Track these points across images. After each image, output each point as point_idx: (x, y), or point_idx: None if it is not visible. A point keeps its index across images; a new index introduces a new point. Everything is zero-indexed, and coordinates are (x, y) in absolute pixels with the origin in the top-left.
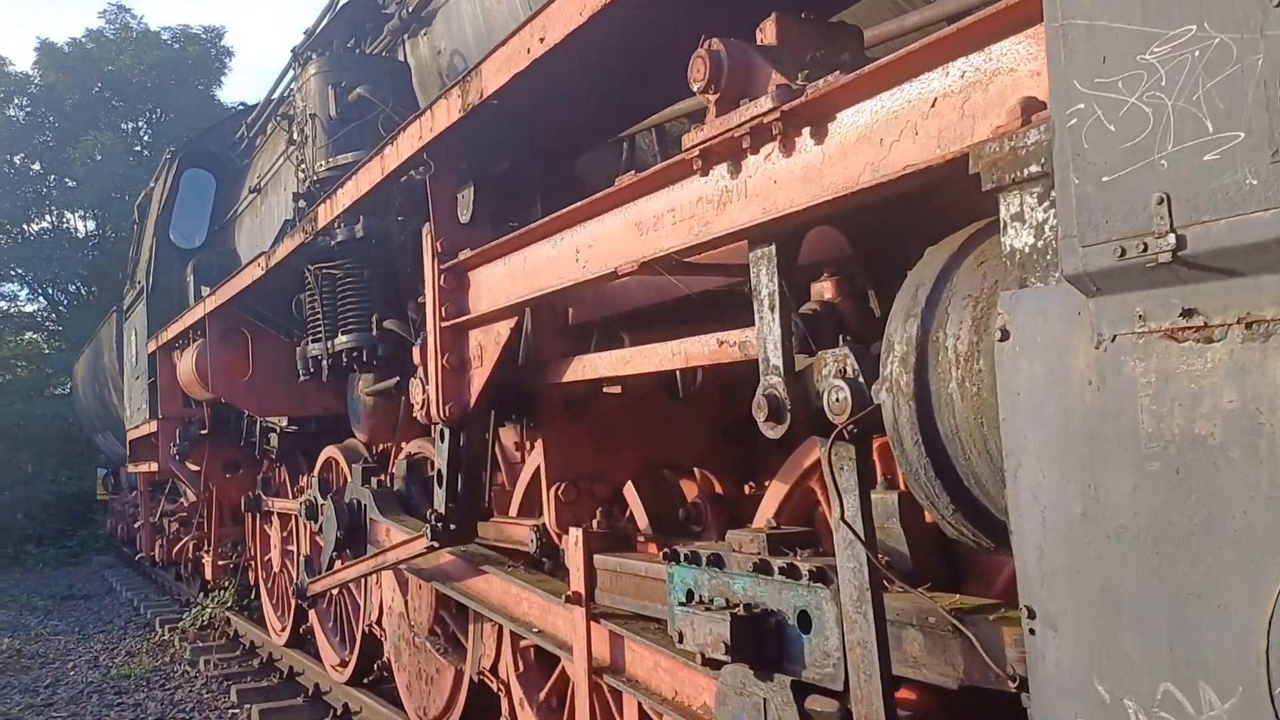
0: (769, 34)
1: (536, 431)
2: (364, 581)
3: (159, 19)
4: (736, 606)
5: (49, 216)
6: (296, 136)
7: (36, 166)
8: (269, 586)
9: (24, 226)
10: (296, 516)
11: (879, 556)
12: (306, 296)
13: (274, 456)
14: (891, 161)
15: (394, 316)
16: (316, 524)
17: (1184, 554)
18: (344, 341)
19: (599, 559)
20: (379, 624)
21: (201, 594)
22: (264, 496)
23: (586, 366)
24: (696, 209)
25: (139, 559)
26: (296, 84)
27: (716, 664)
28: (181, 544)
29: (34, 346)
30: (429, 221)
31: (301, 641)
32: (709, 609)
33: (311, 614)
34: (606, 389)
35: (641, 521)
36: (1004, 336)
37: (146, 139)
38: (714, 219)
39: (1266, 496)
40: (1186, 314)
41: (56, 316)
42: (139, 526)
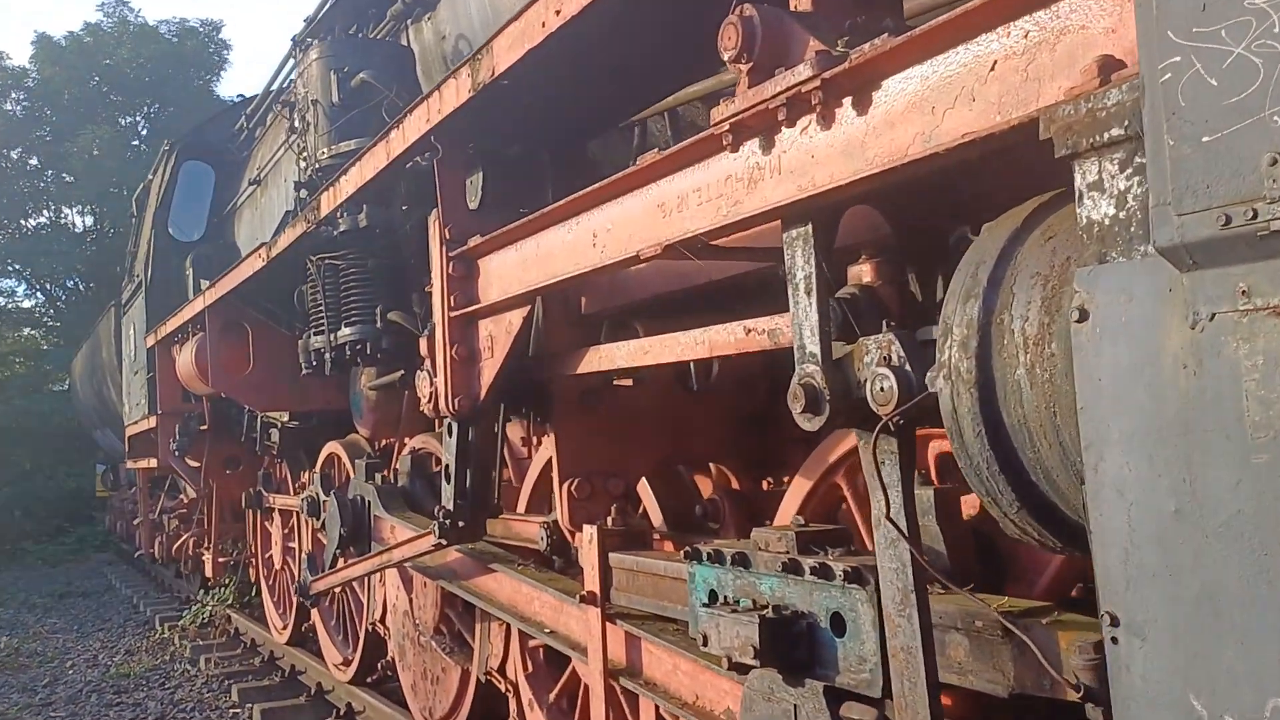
0: (804, 0)
1: (548, 426)
2: (367, 579)
3: (157, 13)
4: (765, 608)
5: (46, 212)
6: (298, 124)
7: (34, 161)
8: (270, 584)
9: (21, 222)
10: (298, 513)
11: (924, 556)
12: (308, 288)
13: (275, 452)
14: (946, 130)
15: (398, 308)
16: (319, 521)
17: None
18: (347, 334)
19: (614, 557)
20: (383, 622)
21: (201, 591)
22: (265, 493)
23: (603, 357)
24: (725, 188)
25: (138, 556)
26: (298, 70)
27: (743, 668)
28: (181, 541)
29: (32, 343)
30: (437, 207)
31: (303, 639)
32: (736, 611)
33: (313, 612)
34: (617, 381)
35: (656, 518)
36: (1082, 317)
37: (144, 133)
38: (744, 198)
39: None
40: None
41: (54, 312)
42: (138, 523)
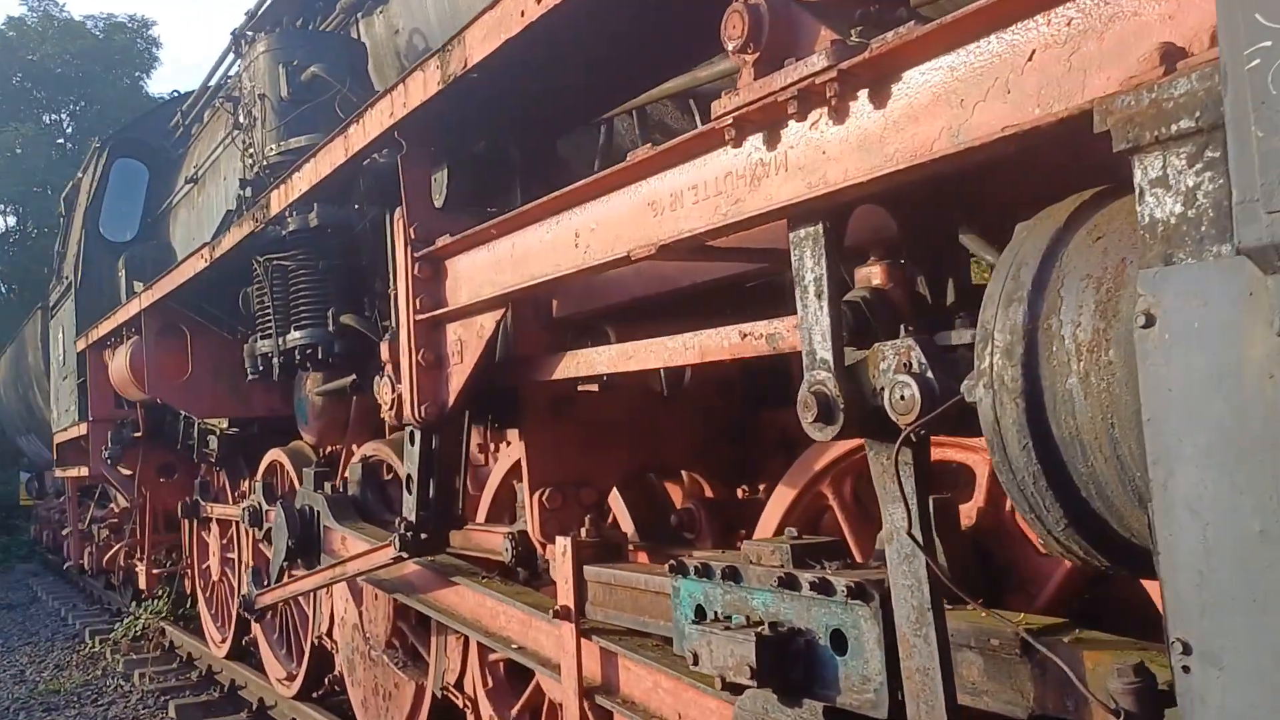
0: None
1: (512, 434)
2: (314, 592)
3: (84, 8)
4: (758, 625)
5: None
6: (243, 119)
7: None
8: (207, 596)
9: None
10: (238, 523)
11: (945, 572)
12: (255, 290)
13: (213, 460)
14: (977, 124)
15: (351, 311)
16: (261, 531)
17: None
18: (297, 338)
19: (590, 570)
20: (330, 636)
21: (134, 603)
22: (202, 502)
23: (581, 362)
24: (724, 185)
25: (67, 567)
26: (243, 64)
27: (738, 688)
28: (113, 552)
29: None
30: (401, 206)
31: (243, 653)
32: (730, 628)
33: (255, 625)
34: (582, 388)
35: (626, 528)
36: (1148, 322)
37: (70, 131)
38: (746, 196)
39: None
40: None
41: None
42: (67, 533)
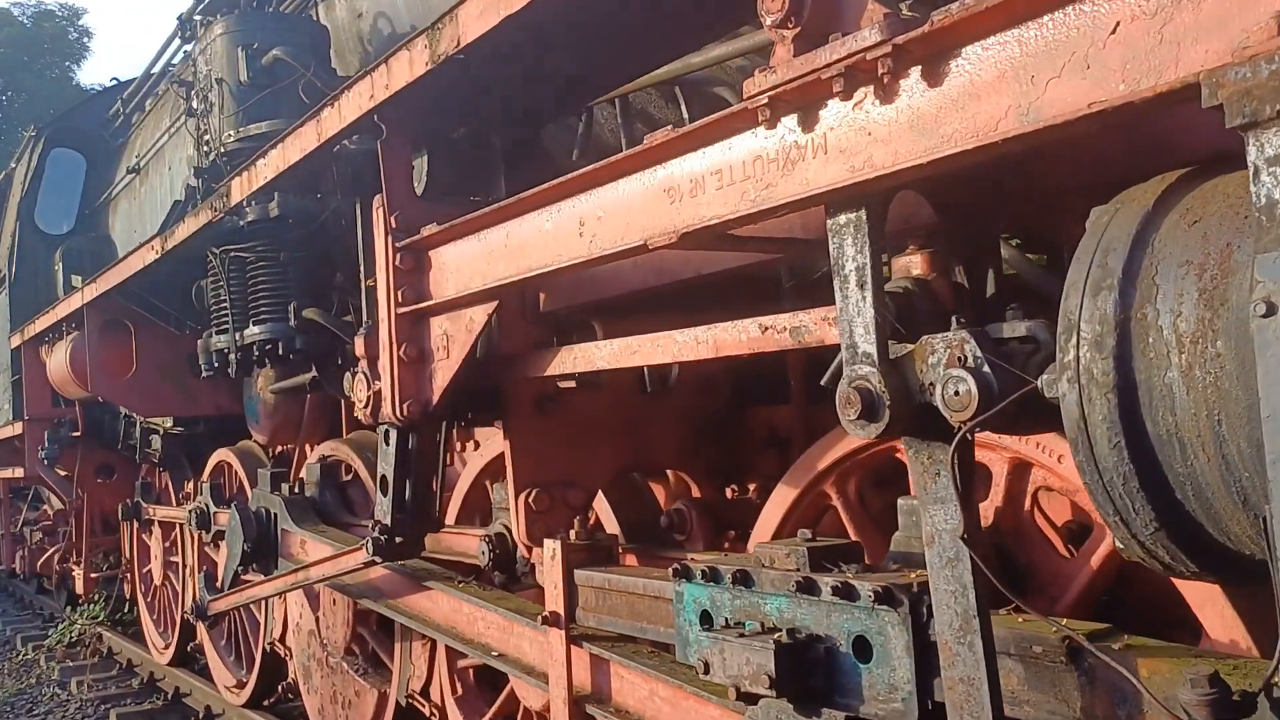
0: None
1: (504, 432)
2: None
3: None
4: (772, 631)
5: None
6: (197, 105)
7: None
8: (149, 601)
9: None
10: (183, 525)
11: (995, 575)
12: (209, 283)
13: (156, 460)
14: (1051, 102)
15: (315, 305)
16: (208, 534)
17: None
18: (256, 333)
19: (581, 574)
20: (283, 642)
21: (69, 609)
22: (144, 504)
23: (579, 358)
24: (753, 170)
25: None
26: (198, 46)
27: (753, 698)
28: (47, 555)
29: None
30: (380, 194)
31: (187, 659)
32: (744, 635)
33: (200, 629)
34: (563, 384)
35: (611, 530)
36: (1269, 311)
37: None
38: (778, 181)
39: None
40: None
41: None
42: None
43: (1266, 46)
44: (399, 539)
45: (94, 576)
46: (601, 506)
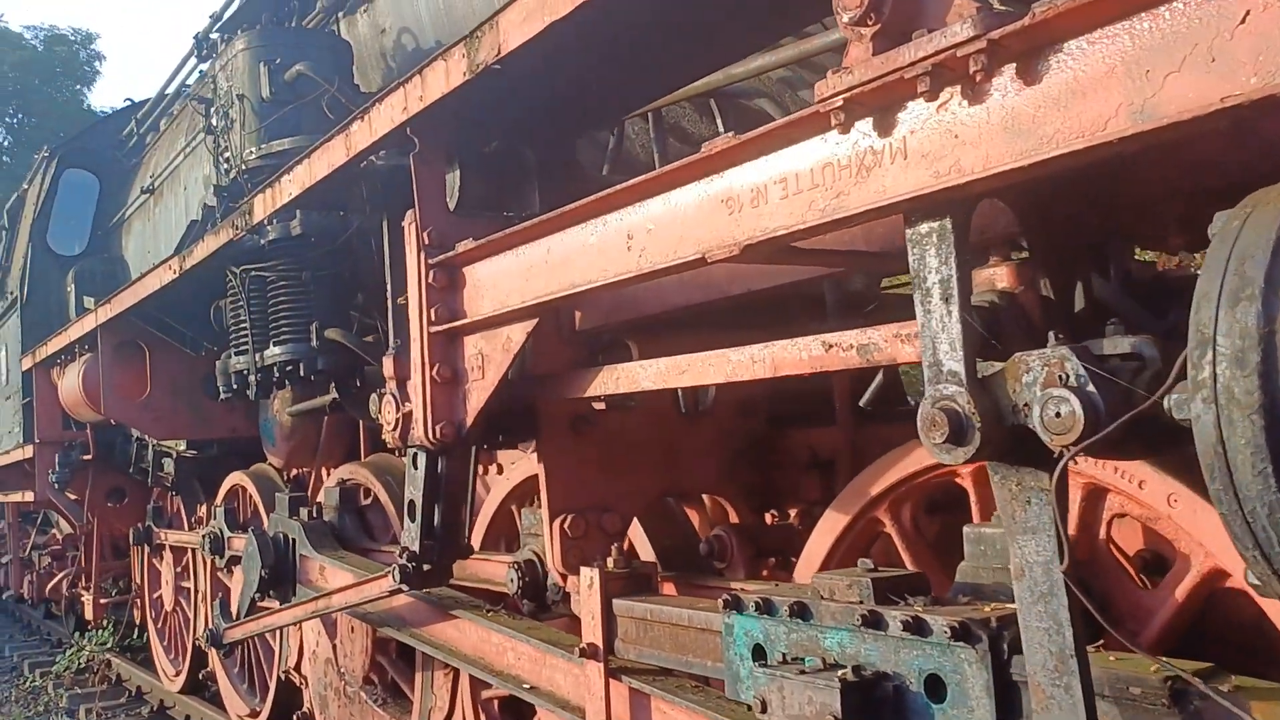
0: None
1: (538, 456)
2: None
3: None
4: (833, 667)
5: None
6: (217, 122)
7: None
8: (159, 627)
9: None
10: (195, 550)
11: (1095, 611)
12: (229, 303)
13: (169, 484)
14: (1169, 99)
15: (336, 325)
16: (222, 559)
17: None
18: (276, 354)
19: (620, 604)
20: (298, 670)
21: (77, 634)
22: (155, 528)
23: (622, 378)
24: (822, 178)
25: (5, 597)
26: (217, 63)
27: None
28: (56, 580)
29: None
30: (413, 209)
31: (198, 687)
32: (805, 671)
33: (213, 657)
34: (597, 406)
35: (645, 557)
36: None
37: (7, 144)
38: (851, 189)
39: None
40: None
41: None
42: (6, 561)
43: None
44: (427, 566)
45: (103, 602)
46: (635, 533)
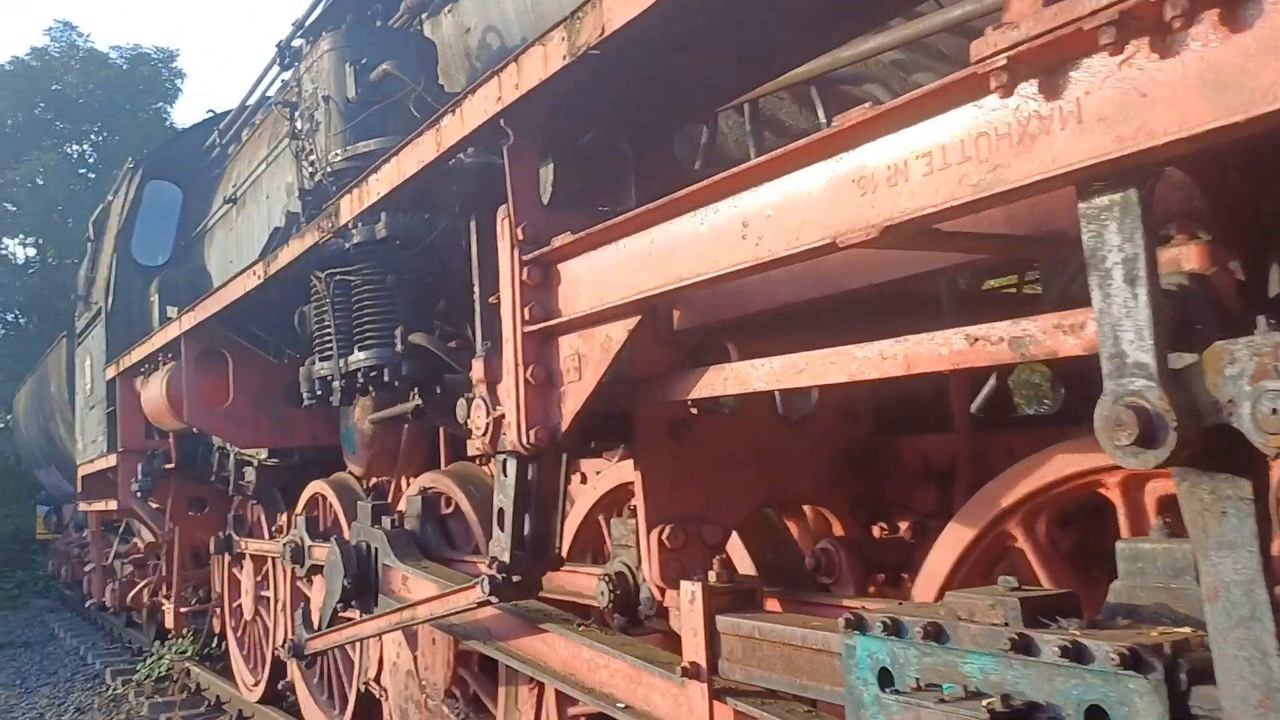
0: None
1: (635, 462)
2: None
3: (108, 39)
4: (982, 697)
5: None
6: (302, 126)
7: None
8: (239, 636)
9: None
10: (275, 559)
11: None
12: (313, 308)
13: (249, 493)
14: None
15: (421, 329)
16: (302, 569)
17: None
18: (361, 359)
19: (724, 621)
20: (378, 681)
21: (157, 642)
22: (236, 537)
23: (732, 378)
24: (975, 149)
25: (90, 604)
26: (302, 65)
27: None
28: (137, 589)
29: None
30: (506, 204)
31: (276, 697)
32: (945, 700)
33: (292, 668)
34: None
35: (744, 571)
36: None
37: (92, 161)
38: (1011, 161)
39: None
40: None
41: None
42: (89, 569)
43: None
44: (516, 578)
45: (184, 611)
46: (733, 545)
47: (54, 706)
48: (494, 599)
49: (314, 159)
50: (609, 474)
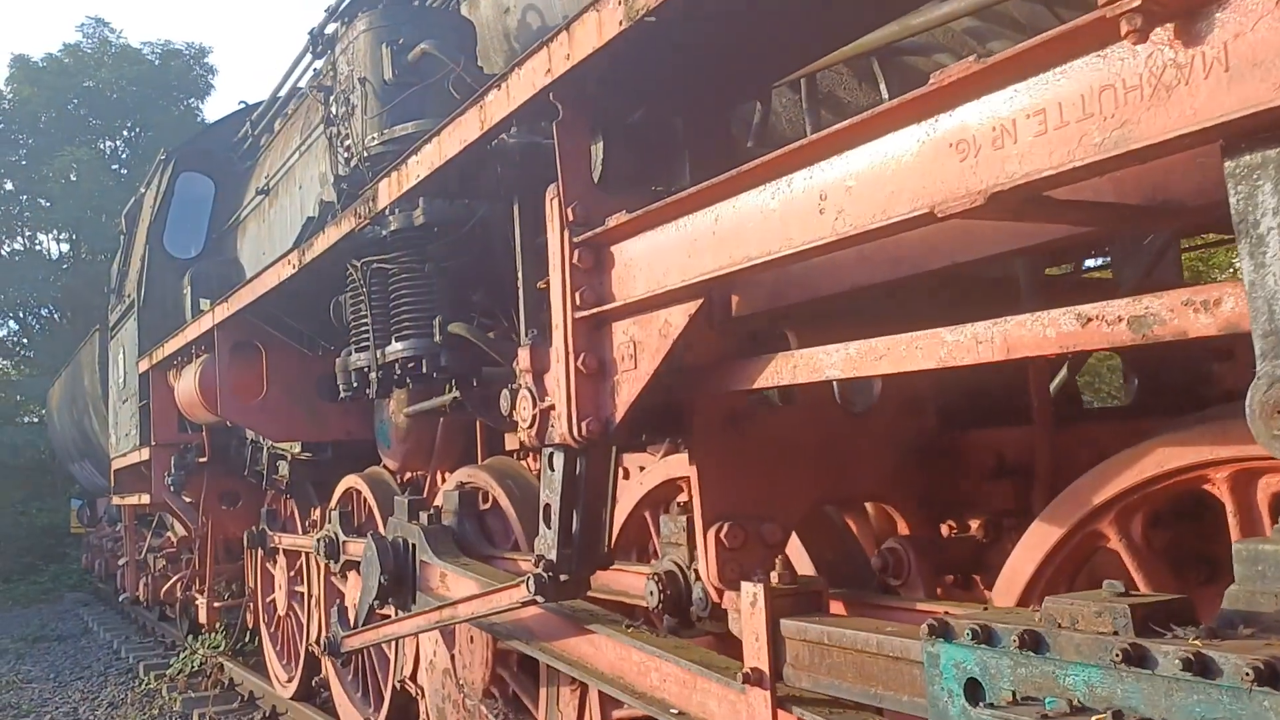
0: None
1: (690, 456)
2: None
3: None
4: (1089, 712)
5: (20, 238)
6: (337, 110)
7: (8, 186)
8: (272, 631)
9: None
10: (309, 554)
11: None
12: (349, 297)
13: (283, 487)
14: None
15: (459, 319)
16: (336, 564)
17: None
18: (399, 349)
19: (789, 625)
20: (414, 679)
21: (190, 637)
22: (269, 531)
23: (800, 366)
24: (1099, 104)
25: (123, 599)
26: (338, 48)
27: None
28: (170, 583)
29: (2, 374)
30: (555, 184)
31: (310, 693)
32: (1047, 716)
33: (327, 664)
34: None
35: (803, 571)
36: None
37: (125, 156)
38: (1142, 116)
39: None
40: None
41: (27, 342)
42: (123, 563)
43: None
44: (564, 577)
45: (217, 606)
46: (790, 543)
47: (88, 701)
48: (540, 598)
49: (350, 144)
50: (655, 469)
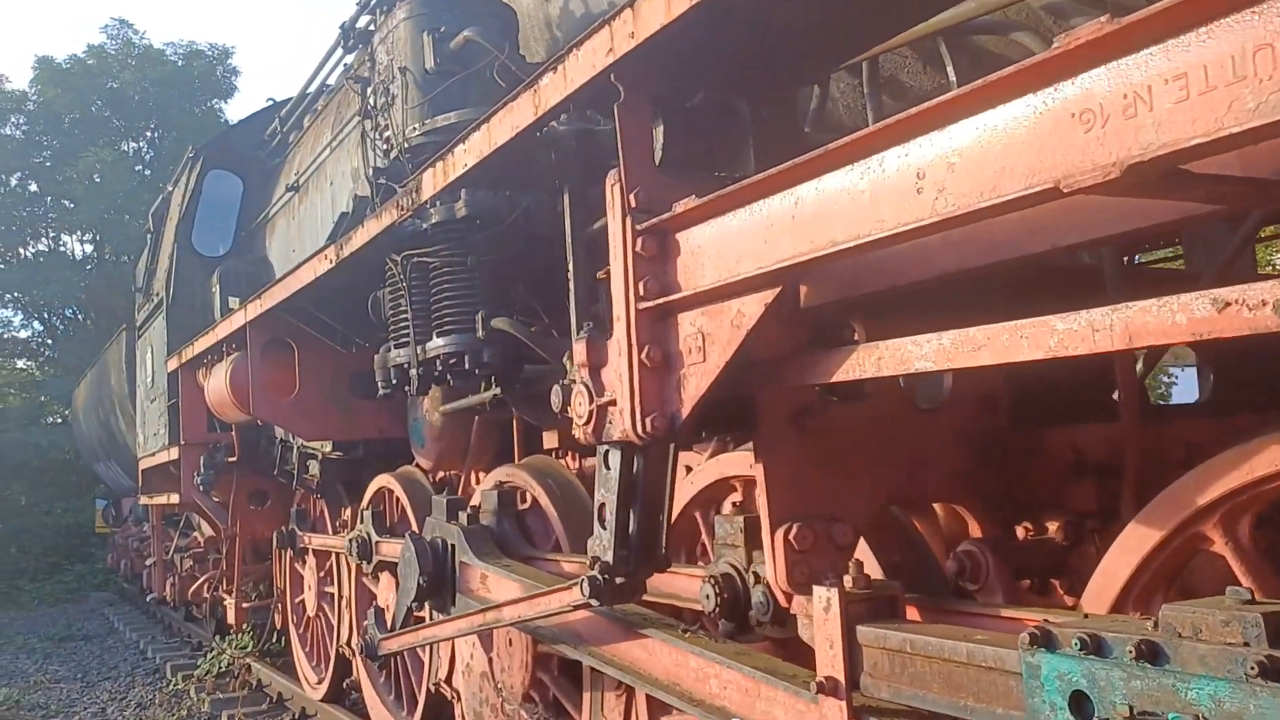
0: None
1: (756, 453)
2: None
3: (163, 36)
4: None
5: (45, 239)
6: (375, 100)
7: (33, 187)
8: (301, 632)
9: (19, 249)
10: (339, 555)
11: None
12: (388, 292)
13: (313, 486)
14: None
15: (502, 313)
16: (369, 564)
17: None
18: (440, 345)
19: (867, 632)
20: (449, 683)
21: (217, 637)
22: (299, 531)
23: (886, 359)
24: (1253, 65)
25: (150, 599)
26: (376, 37)
27: None
28: (198, 584)
29: (26, 374)
30: (616, 169)
31: (340, 695)
32: None
33: (358, 666)
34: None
35: (871, 574)
36: None
37: (149, 158)
38: None
39: None
40: None
41: (52, 342)
42: (150, 564)
43: None
44: (620, 580)
45: (245, 606)
46: (860, 545)
47: (115, 701)
48: (595, 602)
49: (389, 135)
50: (707, 468)
